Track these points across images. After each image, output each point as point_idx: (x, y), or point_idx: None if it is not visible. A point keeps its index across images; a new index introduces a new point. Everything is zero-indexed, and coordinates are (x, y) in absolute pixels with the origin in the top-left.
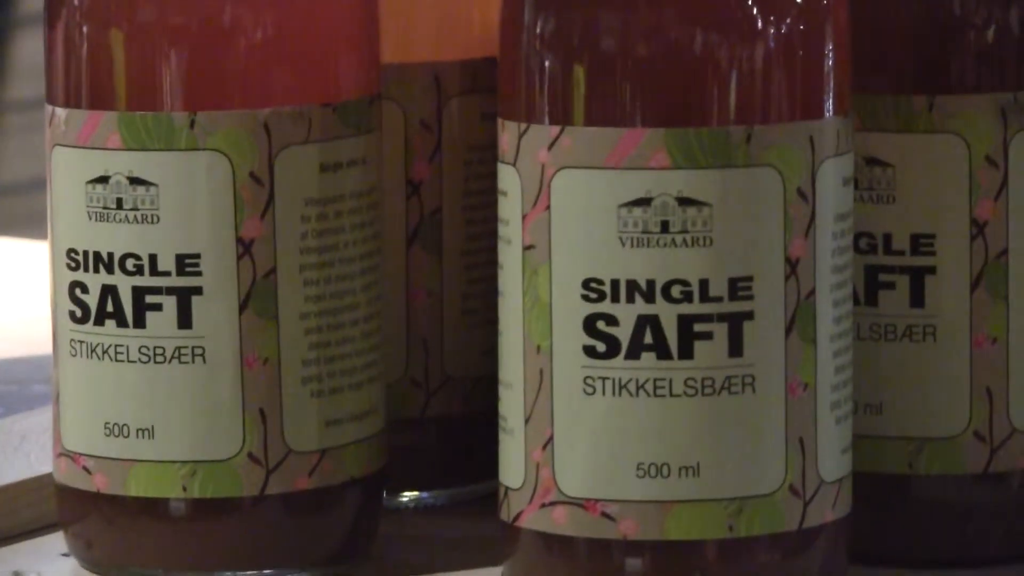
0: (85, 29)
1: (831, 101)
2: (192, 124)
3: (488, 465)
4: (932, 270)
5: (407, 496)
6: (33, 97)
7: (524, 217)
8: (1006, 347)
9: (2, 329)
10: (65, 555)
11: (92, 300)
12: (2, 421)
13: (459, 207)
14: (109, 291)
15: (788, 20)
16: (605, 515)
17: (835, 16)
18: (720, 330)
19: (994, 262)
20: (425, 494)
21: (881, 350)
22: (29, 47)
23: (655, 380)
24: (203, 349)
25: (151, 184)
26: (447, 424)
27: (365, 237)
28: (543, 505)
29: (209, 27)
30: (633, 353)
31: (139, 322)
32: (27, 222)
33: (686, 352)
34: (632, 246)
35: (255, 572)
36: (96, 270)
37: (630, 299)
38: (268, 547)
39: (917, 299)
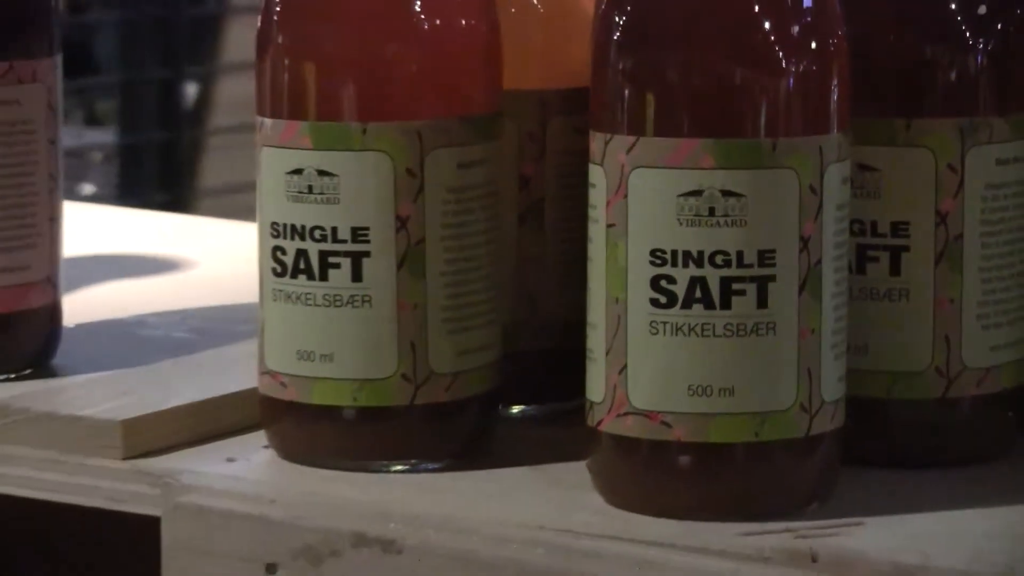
0: (286, 61)
1: (835, 121)
2: (364, 131)
3: (575, 386)
4: (907, 248)
5: (516, 408)
6: (230, 124)
7: (608, 203)
8: (960, 306)
9: (215, 284)
10: (265, 447)
11: (289, 260)
12: (218, 350)
13: (557, 197)
14: (302, 254)
15: (804, 62)
16: (663, 423)
17: (839, 59)
18: (751, 288)
19: (953, 243)
20: (529, 407)
21: (867, 307)
22: (229, 86)
23: (702, 324)
24: (370, 297)
25: (333, 175)
26: (546, 354)
27: (488, 217)
28: (618, 415)
29: (377, 60)
30: (686, 304)
31: (323, 276)
32: (229, 210)
33: (725, 304)
34: (687, 225)
35: (406, 462)
36: (292, 238)
37: (685, 264)
38: (415, 444)
39: (895, 270)
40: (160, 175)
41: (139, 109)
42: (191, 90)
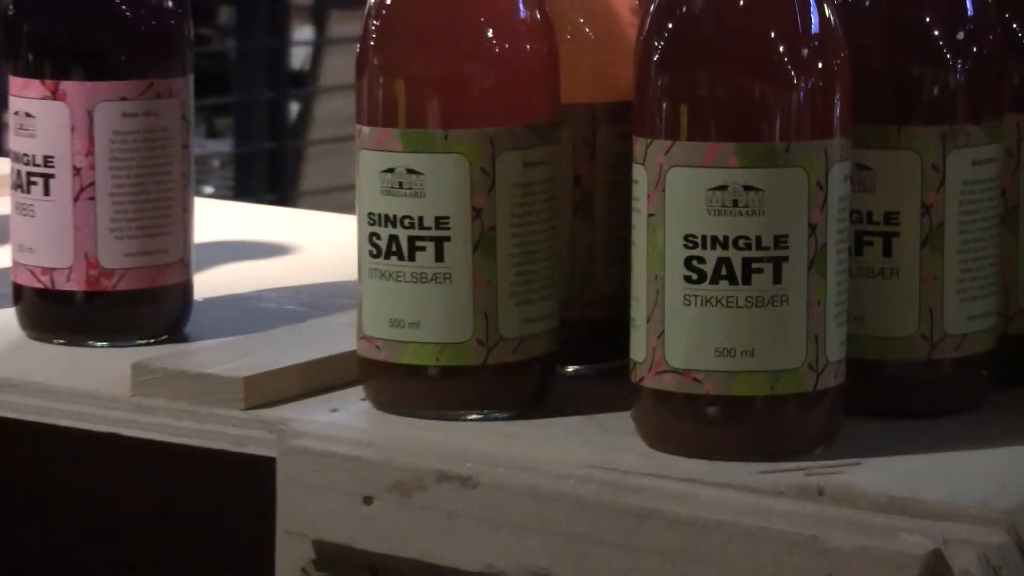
0: (381, 80)
1: (838, 128)
2: (446, 137)
3: (620, 349)
4: (896, 234)
5: (571, 368)
6: (325, 136)
7: (648, 196)
8: (941, 283)
9: (320, 266)
10: (362, 399)
11: (383, 244)
12: (323, 319)
13: (605, 192)
14: (393, 239)
15: (812, 79)
16: (695, 379)
17: (841, 77)
18: (768, 267)
19: (935, 230)
20: (582, 367)
21: (864, 283)
22: (324, 105)
23: (727, 297)
24: (450, 274)
25: (420, 173)
26: (596, 323)
27: (547, 208)
28: (657, 373)
29: (457, 79)
30: (714, 280)
31: (411, 257)
32: (326, 207)
33: (746, 280)
34: (715, 215)
35: (480, 412)
36: (385, 225)
37: (713, 247)
38: (487, 397)
39: (887, 252)
40: (268, 178)
41: (251, 124)
42: (294, 108)
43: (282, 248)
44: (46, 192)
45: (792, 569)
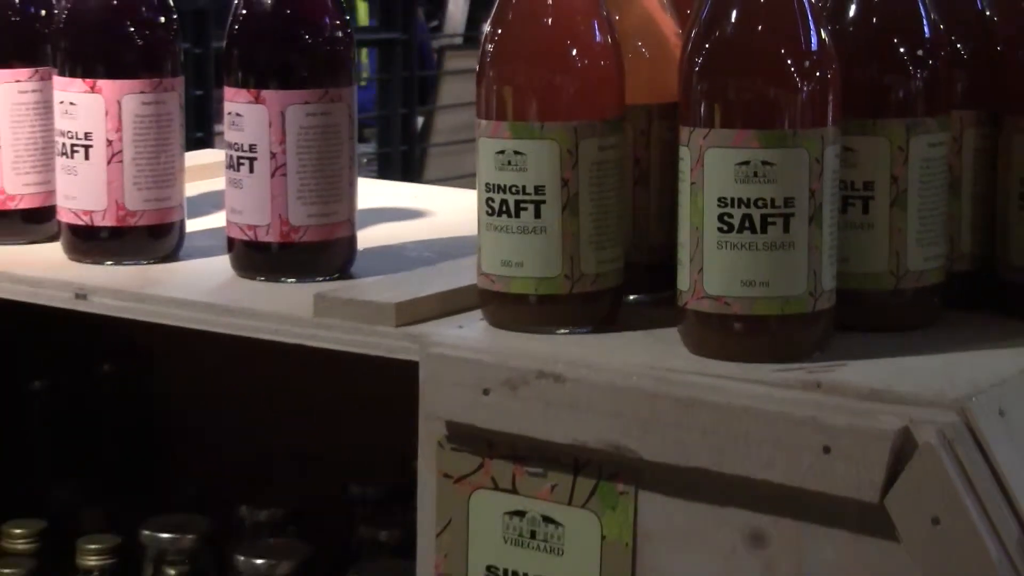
0: (494, 87)
1: (831, 119)
2: (542, 127)
3: (670, 282)
4: (872, 198)
5: (633, 296)
6: (443, 141)
7: (692, 170)
8: (905, 234)
9: (448, 226)
10: (481, 320)
11: (496, 205)
12: (452, 262)
13: (657, 169)
14: (504, 202)
15: (812, 84)
16: (725, 303)
17: (834, 82)
18: (779, 221)
19: (901, 195)
20: (641, 295)
21: (849, 234)
22: (442, 118)
23: (749, 243)
24: (545, 228)
25: (523, 154)
26: (652, 264)
27: (616, 180)
28: (697, 298)
29: (549, 87)
30: (740, 231)
31: (515, 214)
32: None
33: (764, 231)
34: (741, 182)
35: (567, 328)
36: (497, 192)
37: (739, 206)
38: (572, 317)
39: (865, 211)
40: (402, 173)
41: (389, 132)
42: (420, 120)
43: (418, 213)
44: (251, 170)
45: (798, 441)
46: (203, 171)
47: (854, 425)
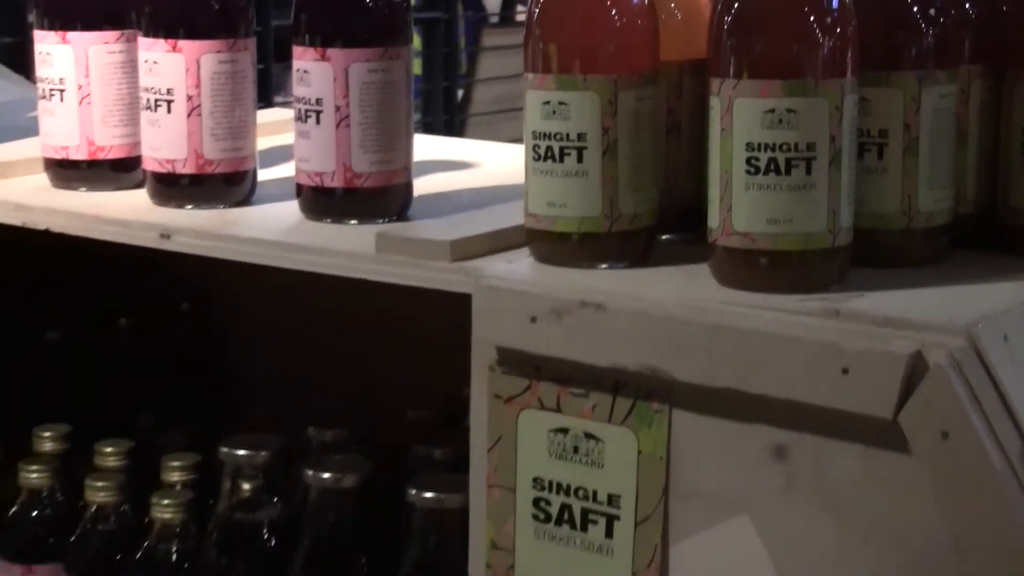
0: (540, 45)
1: (849, 71)
2: (584, 79)
3: (699, 223)
4: (887, 144)
5: (666, 236)
6: (481, 111)
7: (721, 118)
8: (916, 177)
9: (496, 174)
10: (528, 256)
11: (542, 151)
12: (501, 205)
13: (688, 120)
14: (549, 148)
15: (832, 39)
16: (752, 239)
17: (852, 38)
18: (802, 164)
19: (913, 142)
20: (674, 235)
21: (864, 177)
22: (480, 91)
23: (774, 184)
24: (587, 171)
25: (566, 104)
26: (683, 206)
27: (651, 129)
28: (727, 235)
29: (590, 44)
30: (766, 172)
31: (562, 159)
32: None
33: (788, 172)
34: (767, 128)
35: (607, 263)
36: (543, 139)
37: (765, 150)
38: (612, 253)
39: (880, 156)
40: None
41: (433, 103)
42: (460, 93)
43: (467, 164)
44: (317, 122)
45: (818, 363)
46: (271, 127)
47: (870, 348)
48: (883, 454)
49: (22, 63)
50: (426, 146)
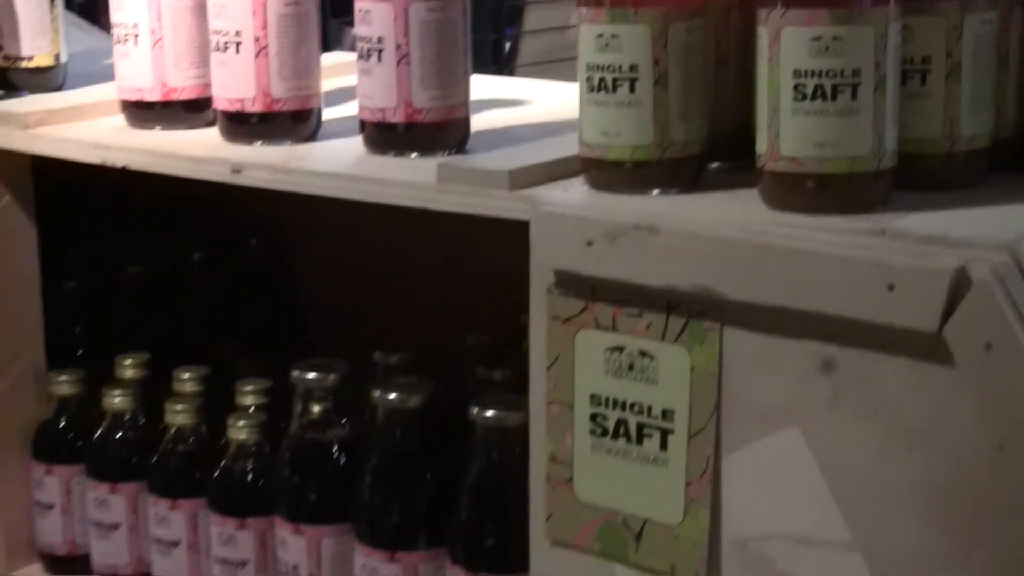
0: None
1: (893, 0)
2: (636, 12)
3: (747, 151)
4: (929, 71)
5: (715, 164)
6: (528, 62)
7: (769, 46)
8: (958, 102)
9: (548, 111)
10: (583, 184)
11: (595, 83)
12: (554, 138)
13: (735, 51)
14: (603, 80)
15: None
16: (799, 162)
17: None
18: (848, 90)
19: (955, 68)
20: (722, 163)
21: (908, 103)
22: (528, 43)
23: (822, 110)
24: (639, 101)
25: (620, 37)
26: (731, 135)
27: (701, 60)
28: (774, 160)
29: None
30: (813, 99)
31: (614, 90)
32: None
33: (834, 98)
34: (813, 56)
35: (659, 188)
36: (597, 71)
37: (812, 77)
38: (664, 179)
39: (923, 83)
40: None
41: (481, 55)
42: (507, 45)
43: (520, 101)
44: (379, 60)
45: (866, 280)
46: (333, 70)
47: (916, 265)
48: (928, 367)
49: (94, 14)
50: (481, 86)
